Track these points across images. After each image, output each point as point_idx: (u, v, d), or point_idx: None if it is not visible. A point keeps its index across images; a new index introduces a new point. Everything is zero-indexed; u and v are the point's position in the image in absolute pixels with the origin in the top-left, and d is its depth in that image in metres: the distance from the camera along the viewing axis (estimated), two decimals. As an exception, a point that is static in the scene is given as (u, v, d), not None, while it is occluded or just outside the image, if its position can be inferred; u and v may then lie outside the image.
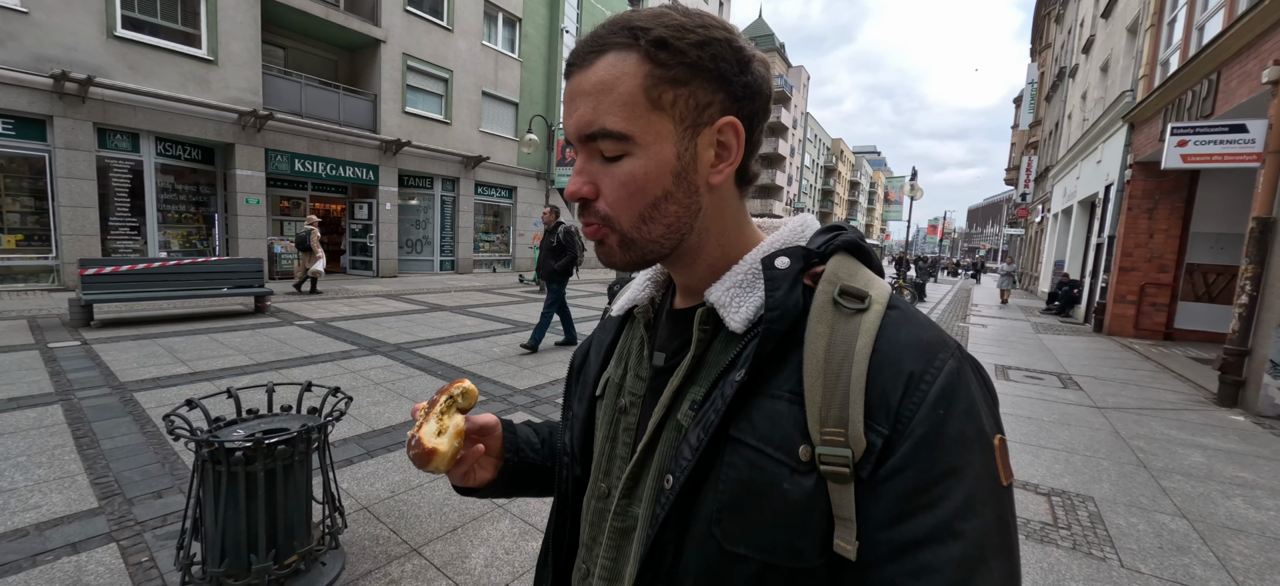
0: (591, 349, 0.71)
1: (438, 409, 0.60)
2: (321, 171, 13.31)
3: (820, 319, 0.47)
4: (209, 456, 1.95)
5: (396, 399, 4.49)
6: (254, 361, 5.48)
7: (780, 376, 0.48)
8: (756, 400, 0.48)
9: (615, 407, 0.61)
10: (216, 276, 7.98)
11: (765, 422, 0.47)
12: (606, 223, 0.51)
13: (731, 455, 0.47)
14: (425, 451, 0.57)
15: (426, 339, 6.99)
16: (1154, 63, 9.73)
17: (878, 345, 0.45)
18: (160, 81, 10.21)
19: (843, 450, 0.43)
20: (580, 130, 0.50)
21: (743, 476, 0.47)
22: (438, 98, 15.91)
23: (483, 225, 18.32)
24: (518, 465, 0.72)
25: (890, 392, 0.43)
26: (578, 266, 8.85)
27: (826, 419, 0.44)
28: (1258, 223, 5.57)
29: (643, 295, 0.64)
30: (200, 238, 11.89)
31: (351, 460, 3.31)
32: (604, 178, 0.51)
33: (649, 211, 0.51)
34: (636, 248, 0.52)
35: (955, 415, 0.43)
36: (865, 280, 0.50)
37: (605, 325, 0.71)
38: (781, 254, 0.52)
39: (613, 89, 0.48)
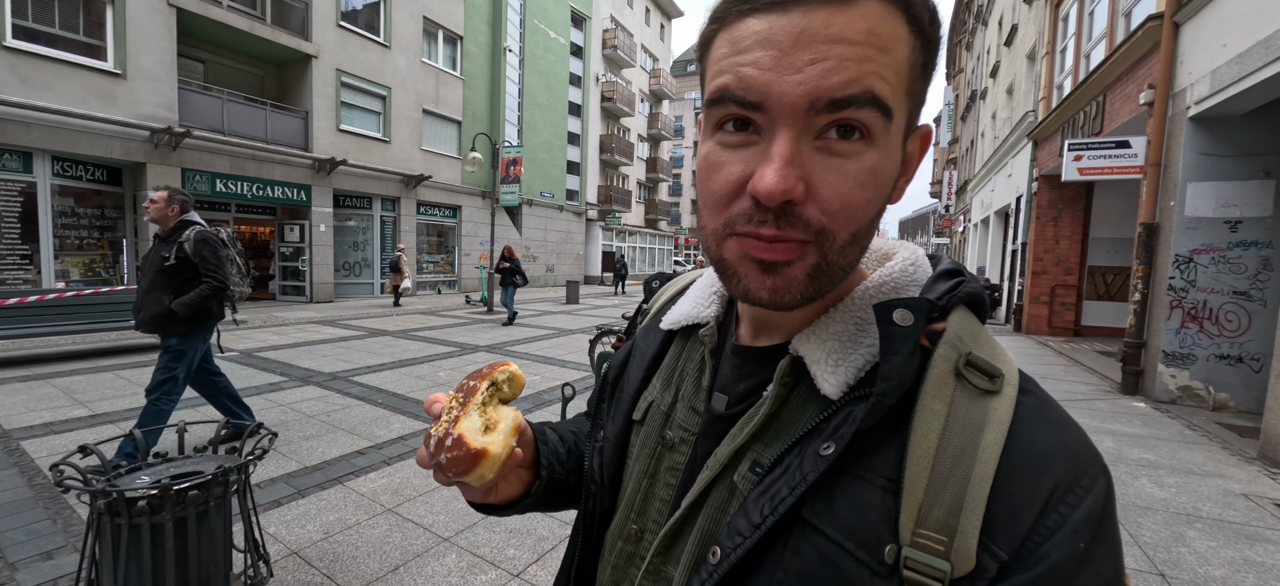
0: (631, 360, 0.60)
1: (478, 399, 0.46)
2: (247, 192, 12.50)
3: (938, 394, 0.38)
4: (106, 508, 1.74)
5: (331, 431, 4.22)
6: (167, 399, 5.01)
7: (877, 457, 0.38)
8: (841, 480, 0.39)
9: (660, 439, 0.52)
10: (123, 307, 7.27)
11: (850, 511, 0.38)
12: (818, 235, 0.37)
13: (799, 541, 0.39)
14: (471, 453, 0.43)
15: (365, 366, 6.63)
16: (1051, 86, 10.73)
17: (1011, 443, 0.36)
18: (58, 96, 9.32)
19: (940, 562, 0.35)
20: (831, 90, 0.34)
21: (811, 569, 0.38)
22: (376, 115, 15.36)
23: (426, 246, 17.74)
24: (549, 483, 0.60)
25: (1021, 509, 0.35)
26: None
27: (927, 519, 0.36)
28: (1144, 228, 6.19)
29: (708, 312, 0.53)
30: (106, 265, 10.85)
31: (279, 501, 3.06)
32: (824, 174, 0.36)
33: (868, 226, 0.39)
34: (827, 276, 0.39)
35: (1100, 552, 0.34)
36: (992, 349, 0.40)
37: (650, 334, 0.59)
38: (901, 305, 0.39)
39: (886, 48, 0.35)
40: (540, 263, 23.11)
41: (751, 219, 0.37)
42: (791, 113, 0.35)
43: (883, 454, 0.38)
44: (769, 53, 0.35)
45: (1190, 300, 5.74)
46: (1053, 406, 0.39)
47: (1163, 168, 6.11)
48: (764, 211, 0.37)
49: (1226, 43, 5.12)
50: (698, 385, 0.51)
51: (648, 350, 0.58)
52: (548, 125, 22.78)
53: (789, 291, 0.39)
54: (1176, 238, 5.79)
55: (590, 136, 26.34)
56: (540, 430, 0.62)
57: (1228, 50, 5.08)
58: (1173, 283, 5.79)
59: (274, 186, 12.97)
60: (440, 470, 0.46)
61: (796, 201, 0.36)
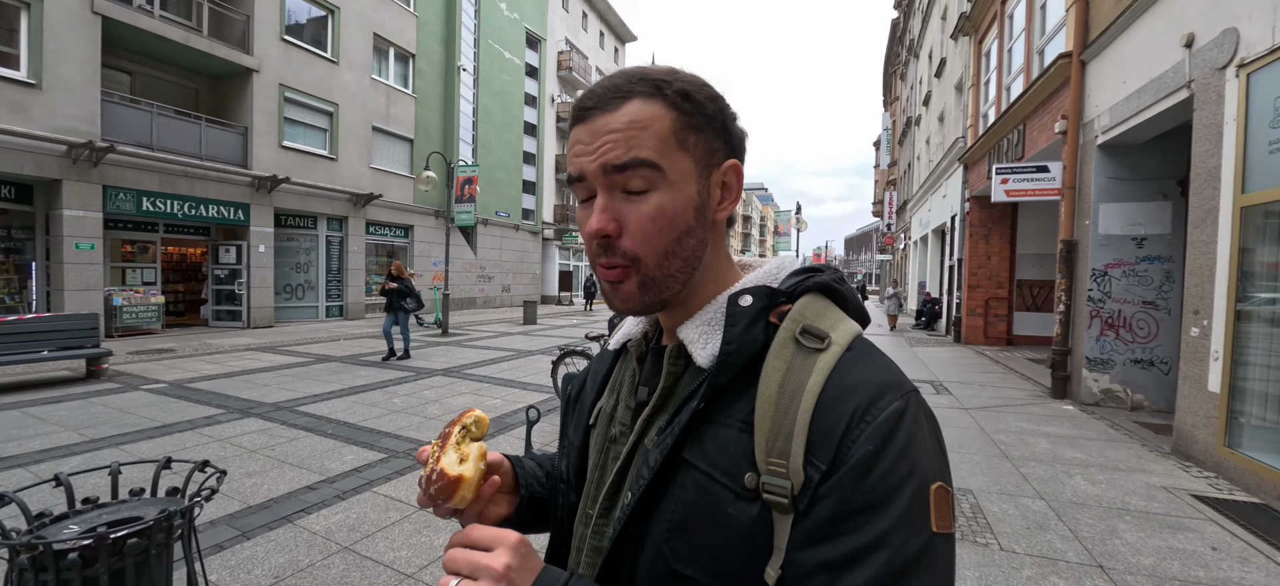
0: (588, 378, 0.72)
1: (453, 440, 0.59)
2: (177, 210, 11.71)
3: (778, 355, 0.50)
4: (30, 563, 1.58)
5: (278, 466, 3.97)
6: (86, 439, 4.58)
7: (735, 407, 0.51)
8: (710, 428, 0.51)
9: (606, 436, 0.63)
10: (33, 337, 6.62)
11: (715, 448, 0.50)
12: (631, 262, 0.53)
13: (684, 477, 0.51)
14: (450, 481, 0.54)
15: (312, 394, 6.29)
16: (977, 115, 11.58)
17: (828, 383, 0.47)
18: (-43, 107, 8.50)
19: (783, 480, 0.45)
20: (611, 161, 0.51)
21: (692, 498, 0.50)
22: (322, 132, 14.80)
23: (376, 266, 17.09)
24: (531, 501, 0.72)
25: (832, 429, 0.45)
26: None
27: (772, 450, 0.46)
28: (1064, 244, 6.74)
29: (637, 330, 0.66)
30: (11, 292, 9.88)
31: (222, 545, 2.84)
32: (629, 213, 0.52)
33: (673, 246, 0.53)
34: (656, 287, 0.54)
35: (889, 451, 0.44)
36: (831, 321, 0.52)
37: (602, 356, 0.73)
38: (748, 293, 0.54)
39: (647, 127, 0.51)
40: (496, 282, 22.69)
41: (598, 254, 0.54)
42: (597, 178, 0.52)
43: (740, 404, 0.51)
44: (582, 145, 0.53)
45: (1107, 310, 6.26)
46: (875, 356, 0.51)
47: (1078, 190, 6.69)
48: (598, 247, 0.53)
49: (1125, 79, 5.70)
50: (631, 387, 0.63)
51: (600, 368, 0.71)
52: (503, 145, 22.58)
53: (629, 301, 0.54)
54: (1093, 253, 6.33)
55: (546, 156, 26.27)
56: (517, 460, 0.73)
57: (1126, 86, 5.66)
58: (1092, 294, 6.31)
59: (208, 205, 12.22)
60: (433, 502, 0.59)
61: (613, 236, 0.52)
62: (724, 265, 0.60)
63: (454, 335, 12.68)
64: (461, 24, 19.50)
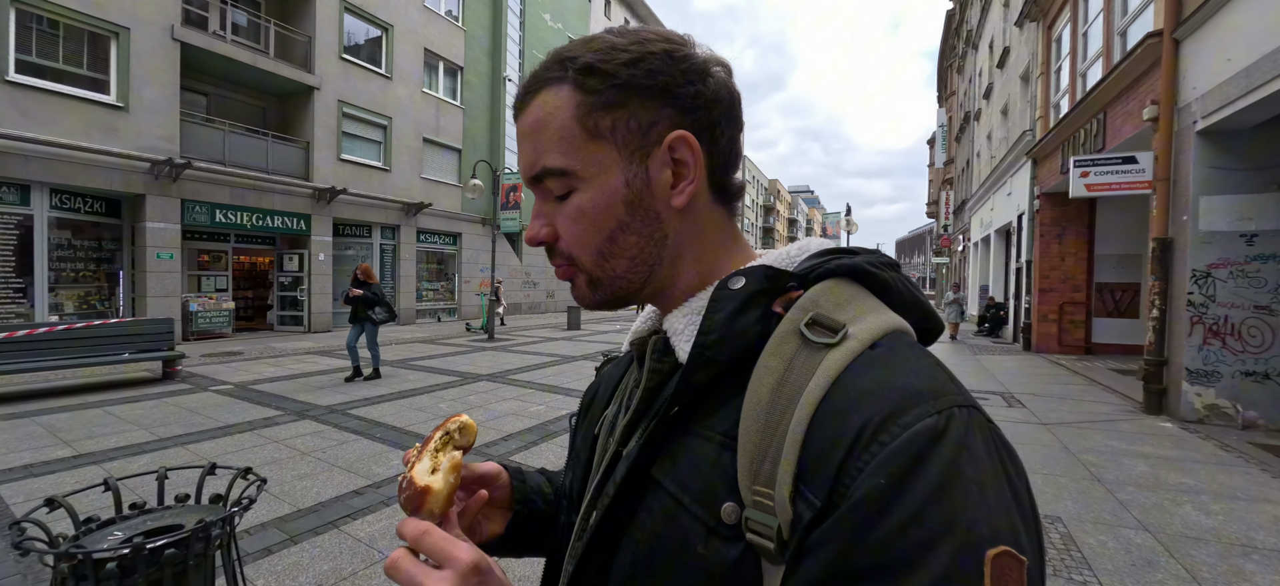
0: (602, 384, 0.66)
1: (432, 446, 0.52)
2: (246, 222, 12.44)
3: (776, 352, 0.39)
4: (70, 572, 1.56)
5: (327, 469, 4.02)
6: (157, 437, 4.81)
7: (717, 415, 0.41)
8: (685, 439, 0.42)
9: (606, 445, 0.56)
10: (116, 341, 7.10)
11: (688, 466, 0.41)
12: (572, 262, 0.49)
13: (651, 500, 0.42)
14: (417, 491, 0.47)
15: (363, 398, 6.44)
16: (1047, 106, 10.75)
17: (833, 389, 0.36)
18: (59, 129, 9.31)
19: (769, 518, 0.35)
20: (525, 173, 0.48)
21: (658, 527, 0.41)
22: (376, 145, 15.42)
23: (426, 273, 17.64)
24: (529, 517, 0.63)
25: (830, 450, 0.33)
26: None
27: (758, 474, 0.36)
28: (1158, 243, 6.08)
29: (644, 328, 0.57)
30: (101, 298, 10.71)
31: (270, 549, 2.86)
32: (558, 217, 0.48)
33: (606, 246, 0.47)
34: (604, 286, 0.49)
35: (911, 490, 0.31)
36: (856, 311, 0.40)
37: (618, 361, 0.66)
38: (741, 274, 0.44)
39: (547, 125, 0.46)
40: (541, 288, 23.01)
41: (548, 257, 0.50)
42: (529, 187, 0.49)
43: (723, 412, 0.40)
44: (518, 151, 0.49)
45: (1211, 315, 5.59)
46: (905, 356, 0.37)
47: (1172, 182, 6.03)
48: (547, 251, 0.49)
49: (1230, 57, 5.08)
50: (636, 388, 0.54)
51: (615, 372, 0.64)
52: (547, 152, 22.92)
53: (583, 299, 0.50)
54: (1193, 252, 5.67)
55: (589, 162, 26.51)
56: (519, 472, 0.65)
57: (1232, 64, 5.04)
58: (1192, 298, 5.65)
59: (274, 216, 12.92)
60: (402, 508, 0.50)
61: (550, 241, 0.48)
62: (719, 251, 0.50)
63: (500, 340, 12.86)
64: (507, 36, 19.94)
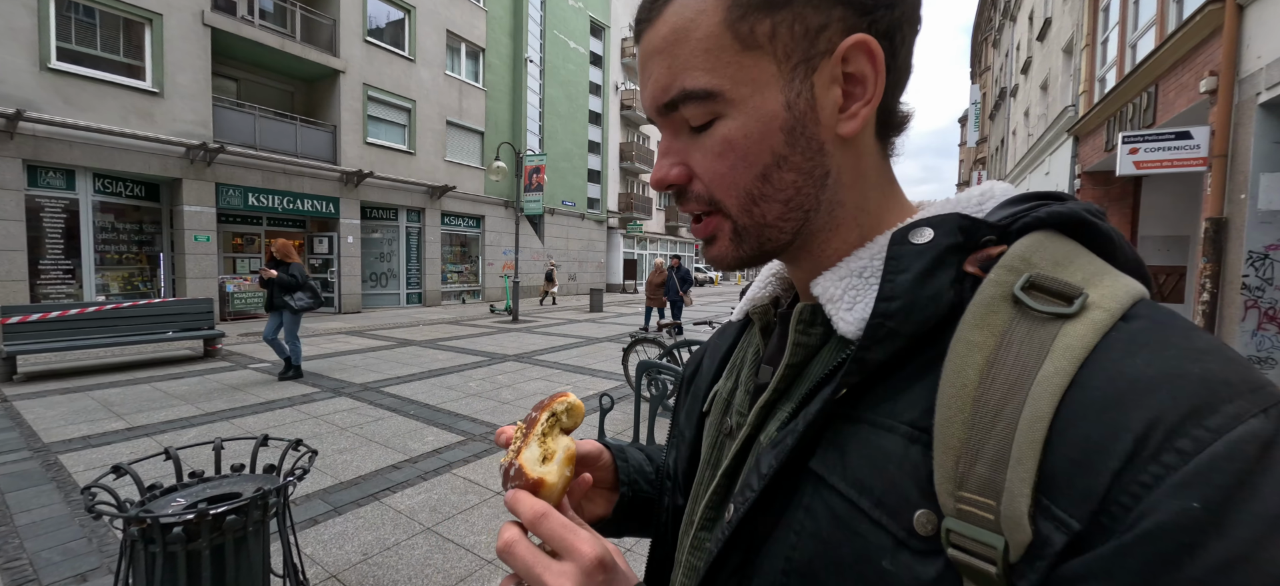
0: (705, 356, 0.60)
1: (538, 429, 0.47)
2: (278, 205, 12.71)
3: (981, 322, 0.31)
4: (139, 535, 1.62)
5: (365, 444, 4.12)
6: (202, 411, 4.99)
7: (900, 401, 0.33)
8: (857, 429, 0.35)
9: (719, 429, 0.50)
10: (160, 319, 7.37)
11: (864, 462, 0.33)
12: (712, 208, 0.41)
13: (812, 498, 0.36)
14: (530, 482, 0.43)
15: (395, 377, 6.57)
16: (1092, 79, 10.26)
17: (1084, 375, 0.28)
18: (99, 115, 9.59)
19: (990, 534, 0.27)
20: (656, 100, 0.40)
21: (824, 531, 0.34)
22: (401, 128, 15.54)
23: (450, 255, 17.84)
24: (633, 500, 0.59)
25: (1095, 456, 0.26)
26: None
27: (968, 478, 0.28)
28: (1211, 223, 5.79)
29: (763, 293, 0.52)
30: (144, 279, 11.10)
31: (315, 519, 2.95)
32: (696, 153, 0.40)
33: (758, 186, 0.39)
34: (751, 237, 0.41)
35: (1242, 517, 0.23)
36: (1087, 272, 0.32)
37: (724, 331, 0.59)
38: (926, 225, 0.36)
39: (687, 36, 0.37)
40: (562, 270, 23.10)
41: (676, 203, 0.43)
42: (656, 119, 0.42)
43: (908, 397, 0.33)
44: (640, 76, 0.42)
45: (1267, 299, 5.32)
46: (1179, 332, 0.29)
47: (1230, 158, 5.72)
48: (674, 198, 0.42)
49: (1303, 23, 4.76)
50: (754, 366, 0.50)
51: (721, 344, 0.58)
52: (568, 134, 22.84)
53: (723, 257, 0.42)
54: (1249, 233, 5.38)
55: (610, 144, 26.34)
56: (620, 450, 0.61)
57: (1305, 31, 4.72)
58: (1247, 281, 5.38)
59: (304, 199, 13.17)
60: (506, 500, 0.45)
61: (681, 182, 0.41)
62: (881, 197, 0.42)
63: (524, 321, 12.98)
64: (528, 16, 19.80)
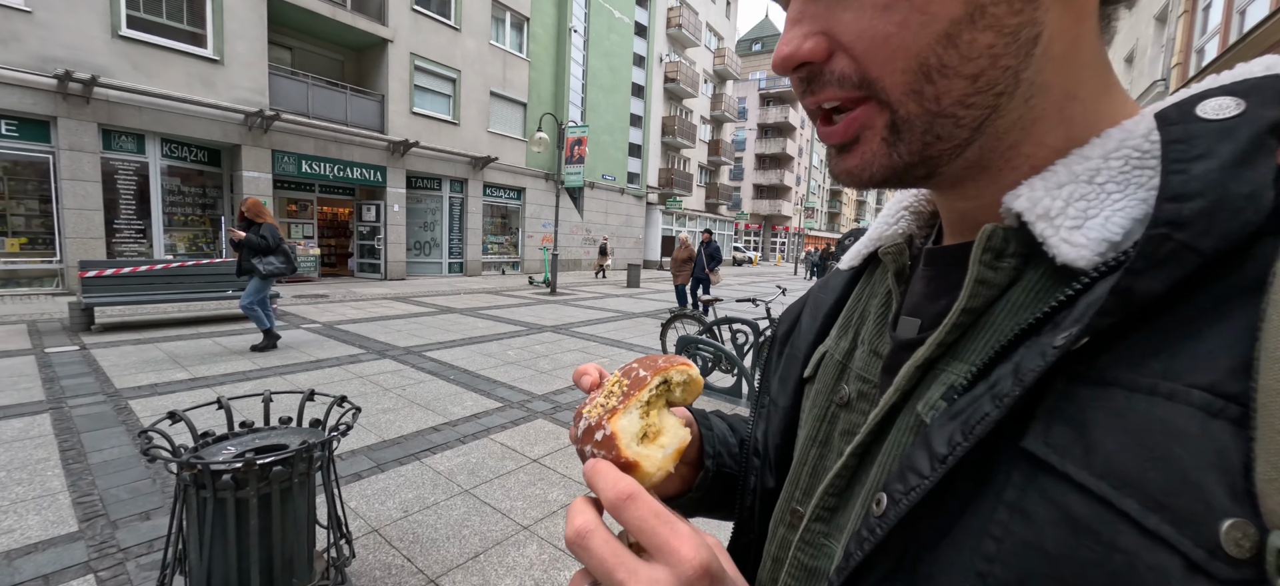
0: (804, 311, 0.51)
1: (644, 395, 0.36)
2: (329, 173, 13.11)
3: None
4: (191, 480, 1.66)
5: (408, 406, 4.20)
6: (258, 367, 5.22)
7: (1183, 354, 0.23)
8: (1104, 394, 0.24)
9: (831, 398, 0.42)
10: (220, 279, 7.75)
11: (1125, 444, 0.22)
12: (863, 94, 0.30)
13: (1022, 492, 0.25)
14: (620, 461, 0.33)
15: (437, 342, 6.71)
16: (1187, 50, 9.32)
17: None
18: (165, 82, 10.03)
19: None
20: None
21: (1046, 542, 0.23)
22: (446, 98, 15.70)
23: (491, 227, 18.10)
24: (717, 476, 0.50)
25: None
26: None
27: None
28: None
29: (894, 230, 0.42)
30: (207, 240, 11.71)
31: (360, 474, 3.01)
32: (844, 14, 0.29)
33: (938, 53, 0.28)
34: (914, 132, 0.29)
35: None
36: None
37: (827, 282, 0.50)
38: (1226, 93, 0.25)
39: None
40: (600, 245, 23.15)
41: (804, 95, 0.33)
42: None
43: (1199, 348, 0.22)
44: None
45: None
46: None
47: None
48: (801, 84, 0.32)
49: None
50: (882, 320, 0.40)
51: (825, 298, 0.49)
52: (610, 107, 22.61)
53: (865, 169, 0.31)
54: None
55: (652, 118, 25.96)
56: (703, 417, 0.52)
57: None
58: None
59: (353, 168, 13.53)
60: (584, 460, 0.35)
61: (817, 57, 0.31)
62: (1096, 83, 0.30)
63: (562, 294, 13.07)
64: (573, -15, 19.54)
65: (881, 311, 0.41)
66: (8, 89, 8.48)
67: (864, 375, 0.39)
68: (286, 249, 5.87)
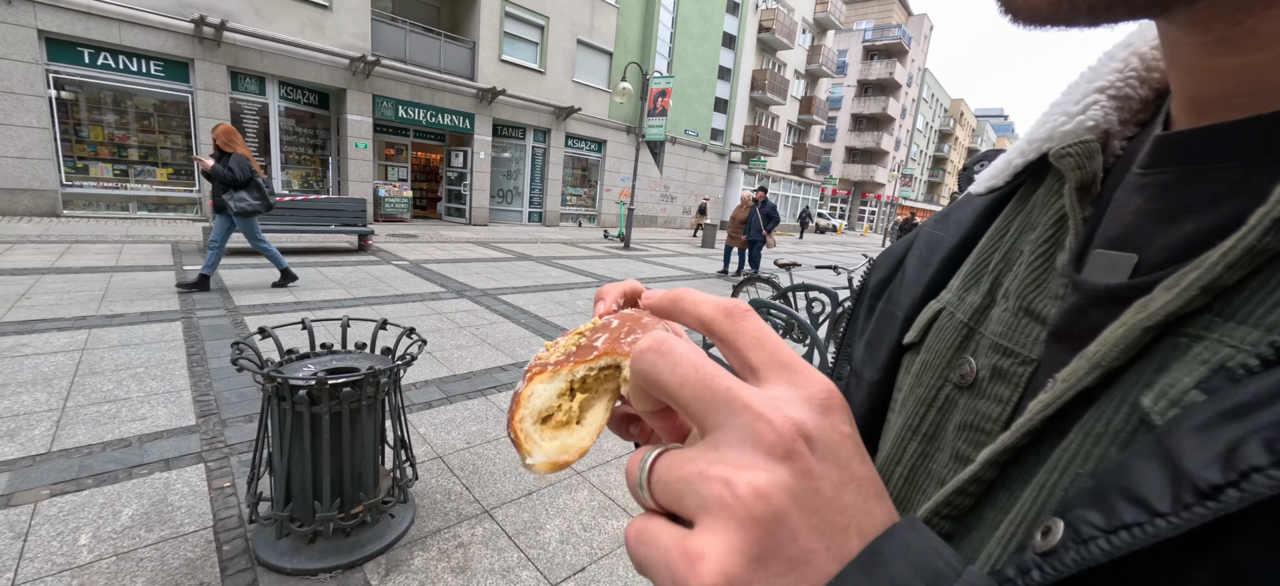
0: (910, 256, 0.39)
1: (579, 372, 0.27)
2: (422, 118, 13.75)
3: None
4: (273, 392, 1.78)
5: (479, 344, 4.38)
6: (352, 296, 5.65)
7: None
8: None
9: (946, 375, 0.30)
10: (326, 213, 8.43)
11: None
12: None
13: None
14: (514, 437, 0.26)
15: (512, 287, 6.94)
16: None
17: None
18: (282, 27, 10.83)
19: None
20: None
21: None
22: (533, 45, 15.81)
23: (571, 179, 18.34)
24: None
25: None
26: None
27: None
28: None
29: (1078, 122, 0.28)
30: (317, 179, 12.77)
31: (431, 403, 3.18)
32: None
33: None
34: None
35: None
36: None
37: (948, 216, 0.38)
38: None
39: None
40: (678, 203, 22.83)
41: None
42: None
43: None
44: None
45: None
46: None
47: None
48: None
49: None
50: (1047, 262, 0.28)
51: (944, 237, 0.36)
52: (699, 58, 21.80)
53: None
54: None
55: (742, 71, 24.76)
56: None
57: None
58: None
59: (444, 114, 14.10)
60: None
61: None
62: None
63: (635, 249, 13.09)
64: (666, -73, 18.71)
65: (1046, 249, 0.28)
66: (155, 32, 9.52)
67: (1006, 344, 0.28)
68: (260, 183, 5.27)
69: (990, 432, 0.27)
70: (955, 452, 0.28)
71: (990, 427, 0.27)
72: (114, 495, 2.12)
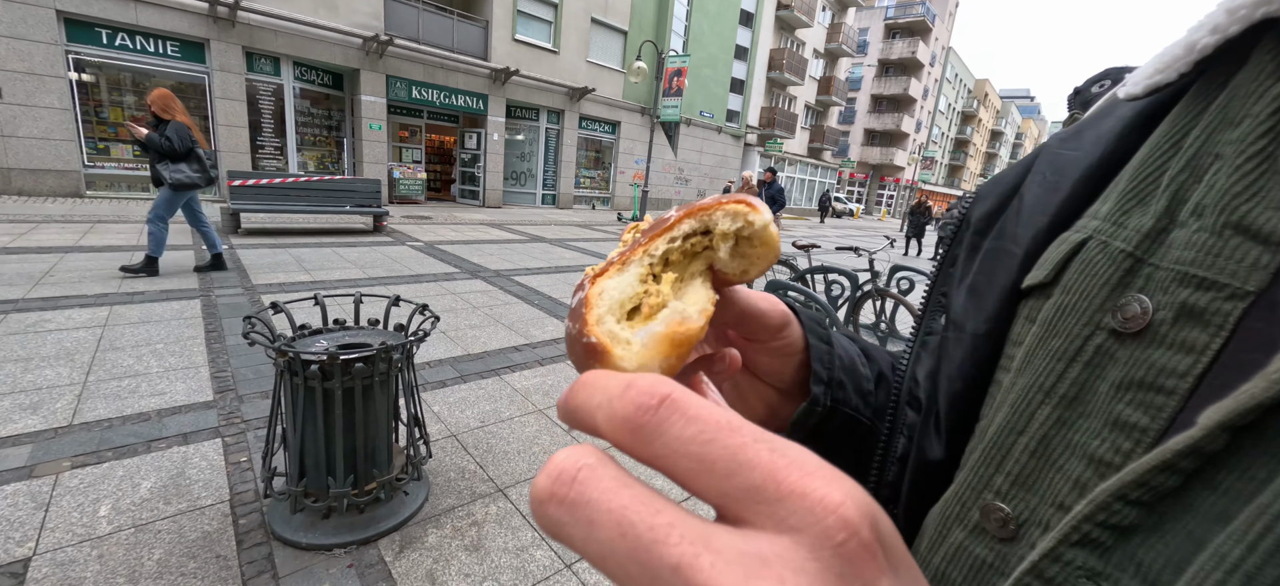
0: (1029, 180, 0.31)
1: (658, 248, 0.22)
2: (436, 100, 13.69)
3: None
4: (286, 367, 1.75)
5: (493, 325, 4.36)
6: (367, 276, 5.67)
7: None
8: None
9: (1096, 321, 0.24)
10: (340, 195, 8.46)
11: None
12: None
13: None
14: (585, 345, 0.20)
15: (525, 268, 6.92)
16: None
17: None
18: (295, 6, 10.80)
19: None
20: None
21: None
22: (547, 24, 15.61)
23: (584, 160, 18.21)
24: (831, 414, 0.34)
25: None
26: None
27: None
28: None
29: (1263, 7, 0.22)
30: (332, 159, 12.83)
31: (445, 382, 3.17)
32: None
33: None
34: None
35: None
36: None
37: (1080, 131, 0.30)
38: None
39: None
40: (692, 186, 22.59)
41: None
42: None
43: None
44: None
45: None
46: None
47: None
48: None
49: None
50: (1265, 161, 0.21)
51: (1076, 156, 0.30)
52: (715, 37, 21.38)
53: None
54: None
55: (760, 50, 24.26)
56: (813, 321, 0.34)
57: None
58: None
59: (457, 95, 14.02)
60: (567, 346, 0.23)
61: None
62: None
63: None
64: (682, -99, 18.25)
65: (1265, 146, 0.21)
66: (172, 12, 9.55)
67: (1203, 273, 0.21)
68: (200, 155, 4.75)
69: (1173, 391, 0.21)
70: (1115, 419, 0.22)
71: (1173, 385, 0.21)
72: (133, 468, 2.13)
